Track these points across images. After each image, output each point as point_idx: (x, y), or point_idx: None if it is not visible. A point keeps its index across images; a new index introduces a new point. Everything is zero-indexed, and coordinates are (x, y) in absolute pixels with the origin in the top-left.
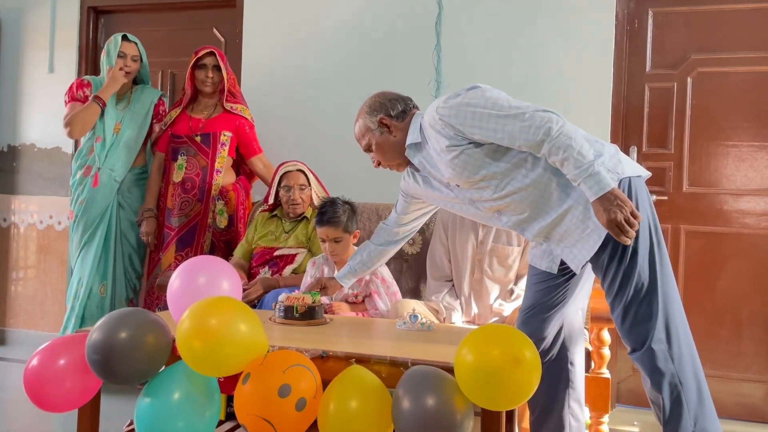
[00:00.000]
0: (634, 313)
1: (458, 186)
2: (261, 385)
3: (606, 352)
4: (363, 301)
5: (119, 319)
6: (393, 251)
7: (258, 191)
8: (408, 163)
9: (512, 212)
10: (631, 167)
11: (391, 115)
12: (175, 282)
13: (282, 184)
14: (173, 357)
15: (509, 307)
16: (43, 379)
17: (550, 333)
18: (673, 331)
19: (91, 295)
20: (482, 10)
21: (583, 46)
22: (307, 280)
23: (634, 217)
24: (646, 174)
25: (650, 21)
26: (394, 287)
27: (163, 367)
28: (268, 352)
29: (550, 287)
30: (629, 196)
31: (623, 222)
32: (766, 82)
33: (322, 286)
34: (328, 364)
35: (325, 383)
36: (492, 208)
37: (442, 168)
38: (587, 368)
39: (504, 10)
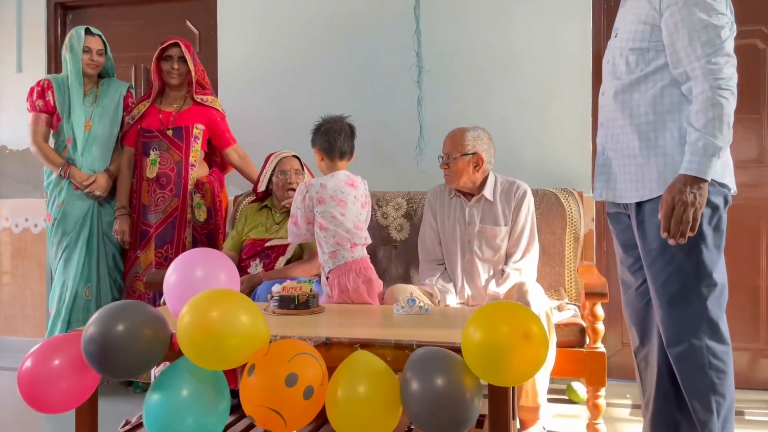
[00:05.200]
0: None
1: None
2: (267, 376)
3: (600, 326)
4: None
5: (115, 311)
6: None
7: (231, 182)
8: None
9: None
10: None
11: None
12: (171, 276)
13: (277, 170)
14: (172, 352)
15: (503, 289)
16: (38, 379)
17: None
18: None
19: (77, 298)
20: None
21: (561, 24)
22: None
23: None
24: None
25: None
26: None
27: (163, 362)
28: (270, 342)
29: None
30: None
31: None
32: (739, 55)
33: None
34: (332, 351)
35: (330, 370)
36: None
37: None
38: (582, 344)
39: None
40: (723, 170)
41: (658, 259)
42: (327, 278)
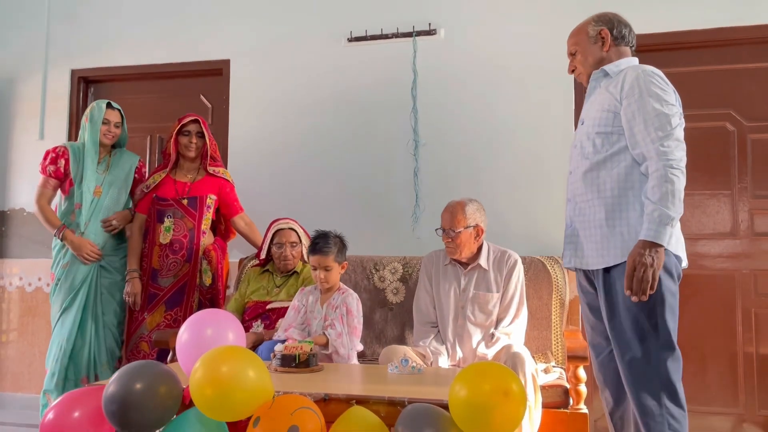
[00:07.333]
0: None
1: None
2: (271, 427)
3: (582, 388)
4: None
5: (133, 371)
6: None
7: (236, 246)
8: None
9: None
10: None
11: None
12: (184, 335)
13: (274, 241)
14: (183, 406)
15: (491, 351)
16: (62, 430)
17: None
18: None
19: (72, 357)
20: (453, 76)
21: (545, 103)
22: (294, 303)
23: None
24: None
25: None
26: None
27: (175, 416)
28: (274, 396)
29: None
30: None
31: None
32: (712, 136)
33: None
34: (330, 406)
35: (328, 424)
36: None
37: None
38: (566, 405)
39: (473, 76)
40: (676, 243)
41: (623, 320)
42: None
